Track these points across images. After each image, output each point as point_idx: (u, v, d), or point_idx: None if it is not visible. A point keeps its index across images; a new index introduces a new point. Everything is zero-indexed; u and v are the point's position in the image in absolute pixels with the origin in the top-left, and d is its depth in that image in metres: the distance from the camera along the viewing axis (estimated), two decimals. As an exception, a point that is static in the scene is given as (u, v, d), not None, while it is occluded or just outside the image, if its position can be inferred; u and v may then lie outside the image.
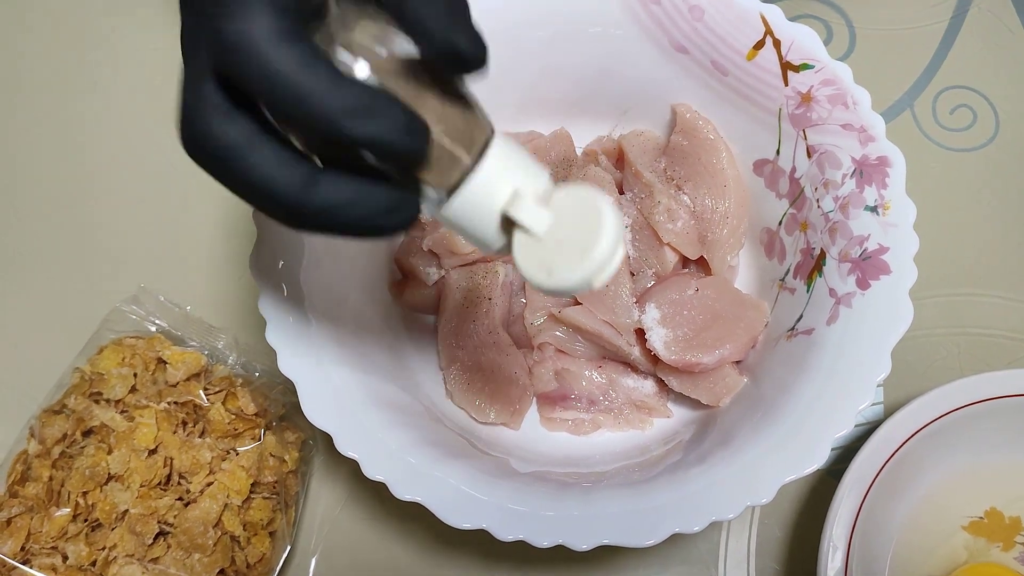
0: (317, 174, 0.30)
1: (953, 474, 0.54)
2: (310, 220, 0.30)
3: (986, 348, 0.61)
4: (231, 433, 0.53)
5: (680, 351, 0.52)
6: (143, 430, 0.51)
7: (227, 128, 0.30)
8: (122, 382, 0.53)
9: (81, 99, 0.68)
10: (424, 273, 0.57)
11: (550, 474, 0.49)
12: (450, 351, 0.56)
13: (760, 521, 0.56)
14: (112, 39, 0.69)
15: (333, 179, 0.30)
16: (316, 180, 0.30)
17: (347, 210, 0.30)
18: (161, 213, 0.64)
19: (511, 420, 0.55)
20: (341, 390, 0.47)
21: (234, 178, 0.30)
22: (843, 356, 0.46)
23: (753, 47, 0.53)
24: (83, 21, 0.70)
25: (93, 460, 0.51)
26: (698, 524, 0.43)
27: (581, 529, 0.44)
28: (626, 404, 0.55)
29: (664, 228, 0.55)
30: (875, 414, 0.59)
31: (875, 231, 0.48)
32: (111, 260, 0.63)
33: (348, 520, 0.57)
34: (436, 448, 0.47)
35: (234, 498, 0.51)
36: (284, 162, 0.30)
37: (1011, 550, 0.53)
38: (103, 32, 0.69)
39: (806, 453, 0.44)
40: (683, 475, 0.46)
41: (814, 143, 0.51)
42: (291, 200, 0.30)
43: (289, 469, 0.54)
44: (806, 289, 0.51)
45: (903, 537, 0.53)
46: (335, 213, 0.30)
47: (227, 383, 0.55)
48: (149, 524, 0.50)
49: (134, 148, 0.66)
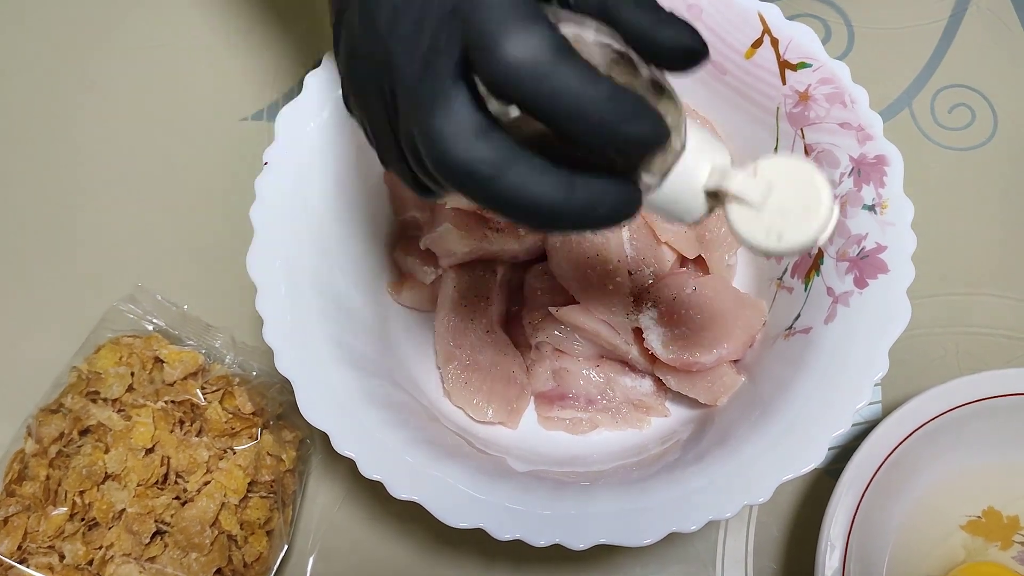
0: (573, 179, 0.30)
1: (951, 473, 0.54)
2: (567, 222, 0.31)
3: (984, 347, 0.60)
4: (228, 432, 0.53)
5: (678, 350, 0.52)
6: (140, 429, 0.51)
7: (488, 146, 0.30)
8: (119, 381, 0.53)
9: (77, 96, 0.68)
10: (421, 272, 0.57)
11: (547, 473, 0.49)
12: (447, 350, 0.55)
13: (758, 520, 0.56)
14: (111, 36, 0.69)
15: (585, 182, 0.30)
16: (574, 185, 0.30)
17: (598, 209, 0.31)
18: (158, 211, 0.64)
19: (509, 419, 0.55)
20: (338, 389, 0.47)
21: (498, 195, 0.30)
22: (841, 355, 0.46)
23: (751, 46, 0.53)
24: (81, 17, 0.70)
25: (90, 459, 0.51)
26: (695, 523, 0.43)
27: (578, 528, 0.44)
28: (624, 403, 0.55)
29: (662, 227, 0.55)
30: (873, 413, 0.59)
31: (873, 230, 0.48)
32: (108, 259, 0.63)
33: (346, 519, 0.57)
34: (433, 447, 0.47)
35: (231, 497, 0.51)
36: (544, 172, 0.30)
37: (1009, 549, 0.53)
38: (102, 29, 0.69)
39: (803, 452, 0.44)
40: (680, 474, 0.46)
41: (812, 142, 0.51)
42: (556, 208, 0.30)
43: (286, 468, 0.54)
44: (804, 288, 0.51)
45: (901, 536, 0.53)
46: (589, 213, 0.31)
47: (224, 382, 0.55)
48: (146, 523, 0.50)
49: (131, 146, 0.66)
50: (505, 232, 0.56)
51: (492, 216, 0.55)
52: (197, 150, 0.66)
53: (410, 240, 0.58)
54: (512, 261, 0.58)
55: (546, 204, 0.30)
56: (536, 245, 0.56)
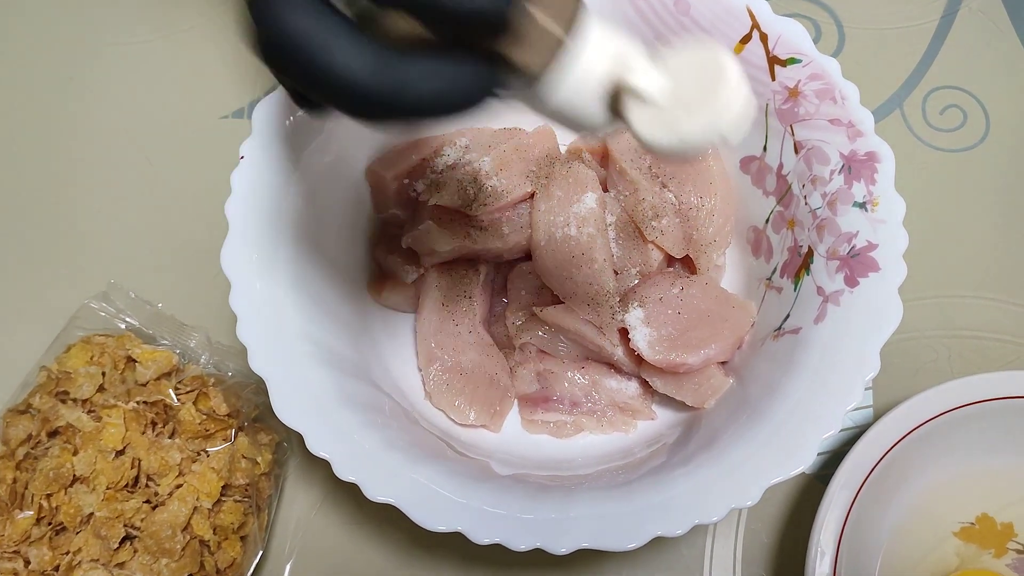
0: (395, 53, 0.29)
1: (943, 478, 0.53)
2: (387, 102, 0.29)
3: (977, 351, 0.59)
4: (202, 434, 0.51)
5: (664, 351, 0.51)
6: (110, 430, 0.50)
7: (300, 17, 0.28)
8: (90, 381, 0.51)
9: (54, 92, 0.66)
10: (403, 271, 0.56)
11: (530, 477, 0.48)
12: (429, 351, 0.54)
13: (747, 527, 0.55)
14: (89, 33, 0.68)
15: (410, 56, 0.29)
16: (394, 58, 0.29)
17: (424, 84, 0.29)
18: (134, 208, 0.63)
19: (491, 422, 0.53)
20: (314, 389, 0.46)
21: (311, 69, 0.29)
22: (831, 355, 0.45)
23: (740, 41, 0.52)
24: (59, 14, 0.69)
25: (58, 461, 0.49)
26: (681, 527, 0.42)
27: (560, 532, 0.42)
28: (609, 406, 0.54)
29: (649, 226, 0.54)
30: (864, 418, 0.58)
31: (864, 228, 0.47)
32: (80, 255, 0.61)
33: (323, 524, 0.55)
34: (412, 449, 0.45)
35: (204, 501, 0.50)
36: (360, 45, 0.29)
37: (1004, 556, 0.52)
38: (79, 26, 0.68)
39: (792, 454, 0.43)
40: (666, 477, 0.44)
41: (801, 139, 0.50)
42: (368, 82, 0.28)
43: (262, 471, 0.53)
44: (793, 288, 0.50)
45: (893, 543, 0.52)
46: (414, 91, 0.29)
47: (199, 383, 0.53)
48: (115, 528, 0.48)
49: (107, 142, 0.65)
50: (488, 230, 0.55)
51: (475, 214, 0.54)
52: (175, 147, 0.64)
53: (391, 239, 0.56)
54: (496, 260, 0.57)
55: (357, 77, 0.28)
56: (520, 244, 0.55)
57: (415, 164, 0.55)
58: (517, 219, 0.56)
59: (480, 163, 0.55)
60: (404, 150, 0.56)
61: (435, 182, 0.55)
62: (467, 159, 0.56)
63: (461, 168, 0.55)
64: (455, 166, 0.56)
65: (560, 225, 0.54)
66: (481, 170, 0.55)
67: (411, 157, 0.55)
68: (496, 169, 0.55)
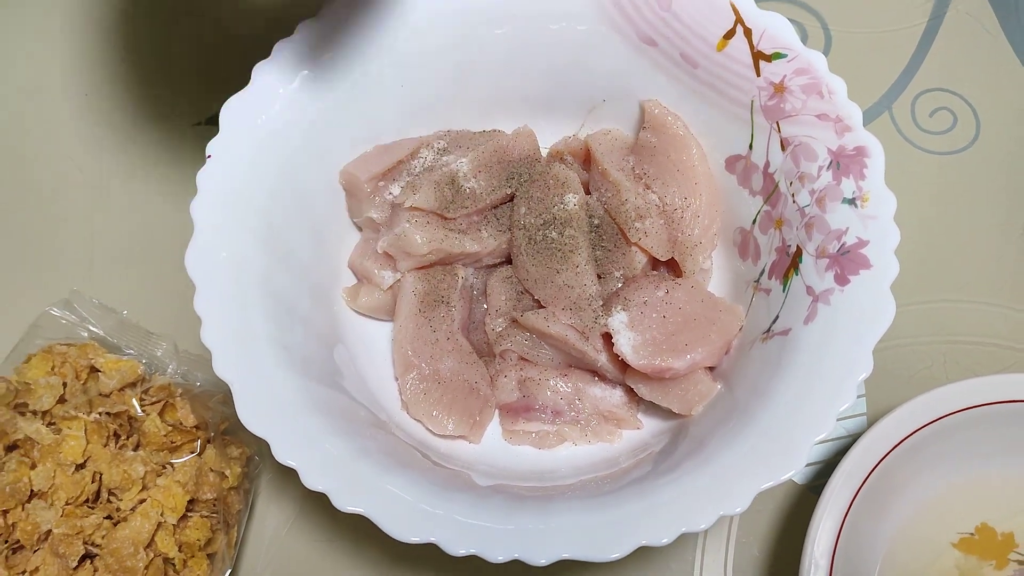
0: None
1: (941, 487, 0.51)
2: None
3: (972, 356, 0.58)
4: (167, 446, 0.49)
5: (649, 355, 0.49)
6: (70, 443, 0.48)
7: None
8: (50, 392, 0.49)
9: (19, 96, 0.65)
10: (379, 277, 0.54)
11: (511, 488, 0.46)
12: (406, 359, 0.52)
13: (737, 539, 0.53)
14: (57, 37, 0.66)
15: None
16: None
17: None
18: (100, 213, 0.61)
19: (471, 433, 0.51)
20: (282, 395, 0.44)
21: None
22: (822, 355, 0.44)
23: (723, 36, 0.50)
24: (26, 14, 0.67)
25: (15, 476, 0.47)
26: (667, 536, 0.40)
27: (539, 543, 0.40)
28: (593, 415, 0.52)
29: (632, 227, 0.52)
30: (857, 426, 0.56)
31: (854, 224, 0.46)
32: (41, 261, 0.60)
33: (297, 541, 0.53)
34: (385, 458, 0.44)
35: (169, 516, 0.48)
36: None
37: (1005, 568, 0.50)
38: (49, 28, 0.66)
39: (783, 458, 0.41)
40: (651, 485, 0.43)
41: (788, 135, 0.49)
42: None
43: (231, 486, 0.51)
44: (782, 289, 0.48)
45: (889, 555, 0.50)
46: None
47: (166, 393, 0.51)
48: (74, 545, 0.46)
49: (64, 145, 0.63)
50: (467, 233, 0.53)
51: (453, 217, 0.52)
52: (148, 153, 0.63)
53: (366, 243, 0.55)
54: (475, 264, 0.55)
55: None
56: (500, 247, 0.54)
57: (391, 166, 0.53)
58: (496, 222, 0.54)
59: (458, 165, 0.53)
60: (380, 152, 0.54)
61: (412, 184, 0.53)
62: (444, 161, 0.54)
63: (438, 170, 0.53)
64: (432, 168, 0.54)
65: (540, 228, 0.52)
66: (459, 172, 0.53)
67: (387, 159, 0.54)
68: (474, 171, 0.54)
